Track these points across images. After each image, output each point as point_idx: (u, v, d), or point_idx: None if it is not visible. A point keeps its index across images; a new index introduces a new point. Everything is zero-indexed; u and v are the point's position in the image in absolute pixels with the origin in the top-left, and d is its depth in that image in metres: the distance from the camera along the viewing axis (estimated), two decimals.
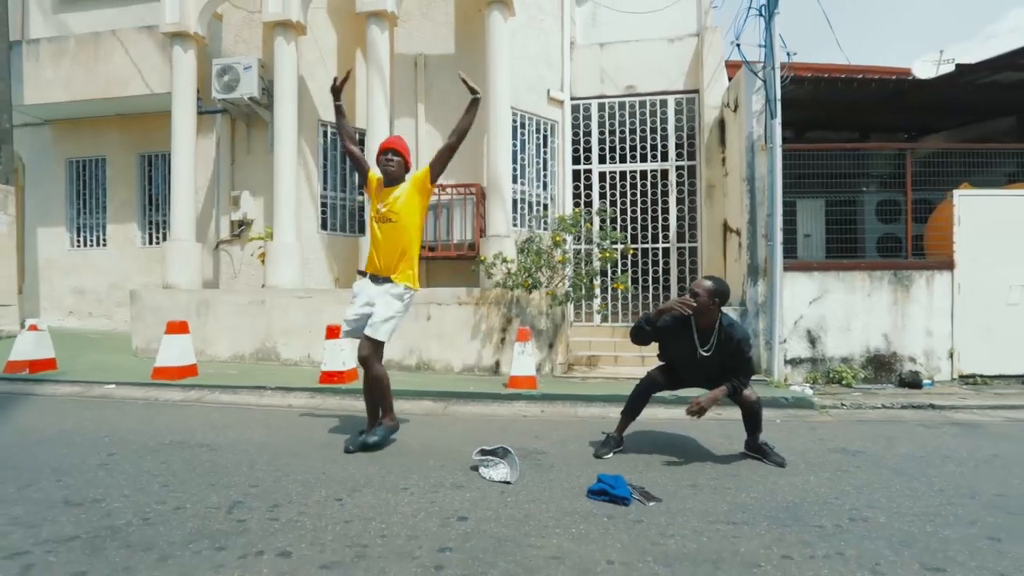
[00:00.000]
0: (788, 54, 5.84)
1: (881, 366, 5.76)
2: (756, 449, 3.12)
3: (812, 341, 5.80)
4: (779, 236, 5.58)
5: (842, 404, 4.66)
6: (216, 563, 1.80)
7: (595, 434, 3.62)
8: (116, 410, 4.18)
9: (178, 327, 5.23)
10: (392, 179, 3.18)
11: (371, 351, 3.15)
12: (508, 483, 2.62)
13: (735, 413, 4.25)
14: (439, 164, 3.18)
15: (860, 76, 6.84)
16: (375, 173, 3.28)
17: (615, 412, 4.30)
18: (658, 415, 4.13)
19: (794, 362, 5.78)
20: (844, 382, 5.58)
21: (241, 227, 7.39)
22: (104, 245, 9.08)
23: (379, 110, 6.33)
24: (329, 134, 7.36)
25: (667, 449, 3.28)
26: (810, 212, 7.14)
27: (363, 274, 3.30)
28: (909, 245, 5.95)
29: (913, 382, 5.54)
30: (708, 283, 3.00)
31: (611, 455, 3.12)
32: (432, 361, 5.84)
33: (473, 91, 3.20)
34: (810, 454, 3.22)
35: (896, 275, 5.80)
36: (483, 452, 2.84)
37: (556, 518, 2.23)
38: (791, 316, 5.80)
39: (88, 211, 9.22)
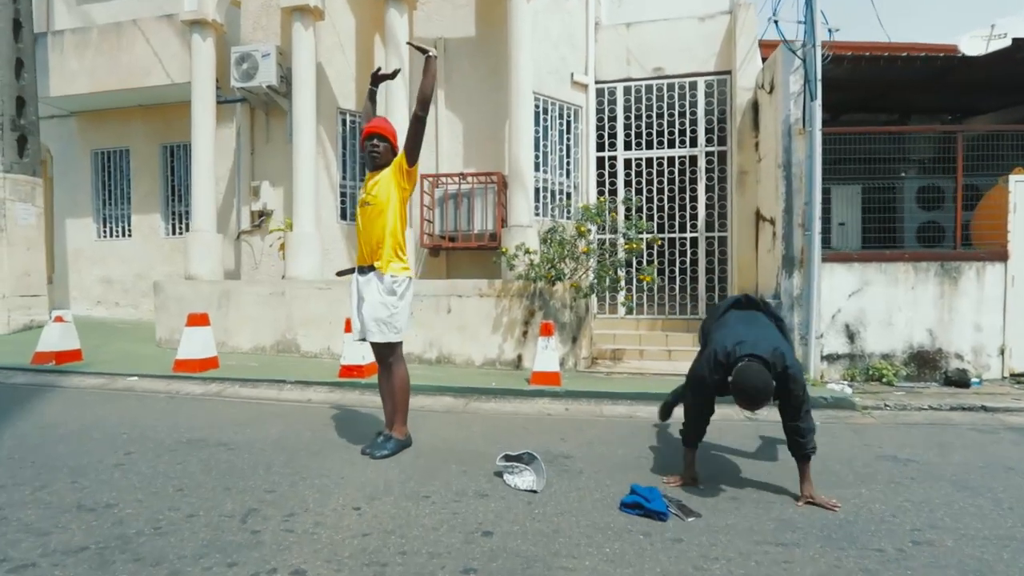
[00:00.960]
0: (829, 31, 5.46)
1: (925, 363, 5.43)
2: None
3: (851, 336, 5.50)
4: (817, 225, 5.27)
5: (885, 404, 4.39)
6: None
7: (623, 435, 3.46)
8: (137, 404, 4.16)
9: (199, 319, 5.21)
10: (378, 166, 2.99)
11: (384, 354, 3.03)
12: (535, 492, 2.48)
13: (773, 414, 4.06)
14: (411, 140, 2.91)
15: (904, 54, 6.41)
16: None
17: (643, 411, 4.17)
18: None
19: (831, 358, 5.50)
20: (884, 379, 5.27)
21: (261, 217, 7.35)
22: (129, 236, 9.17)
23: (398, 97, 6.16)
24: (348, 122, 7.23)
25: (701, 454, 3.09)
26: (845, 199, 6.77)
27: (352, 270, 3.12)
28: (958, 234, 5.57)
29: (960, 380, 5.21)
30: (756, 389, 2.32)
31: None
32: (453, 355, 5.72)
33: (423, 51, 2.95)
34: (857, 462, 3.00)
35: (943, 266, 5.44)
36: (508, 458, 2.70)
37: (588, 535, 2.08)
38: (828, 310, 5.50)
39: (113, 202, 9.30)
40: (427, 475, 2.69)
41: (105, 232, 9.39)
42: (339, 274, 3.25)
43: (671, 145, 6.99)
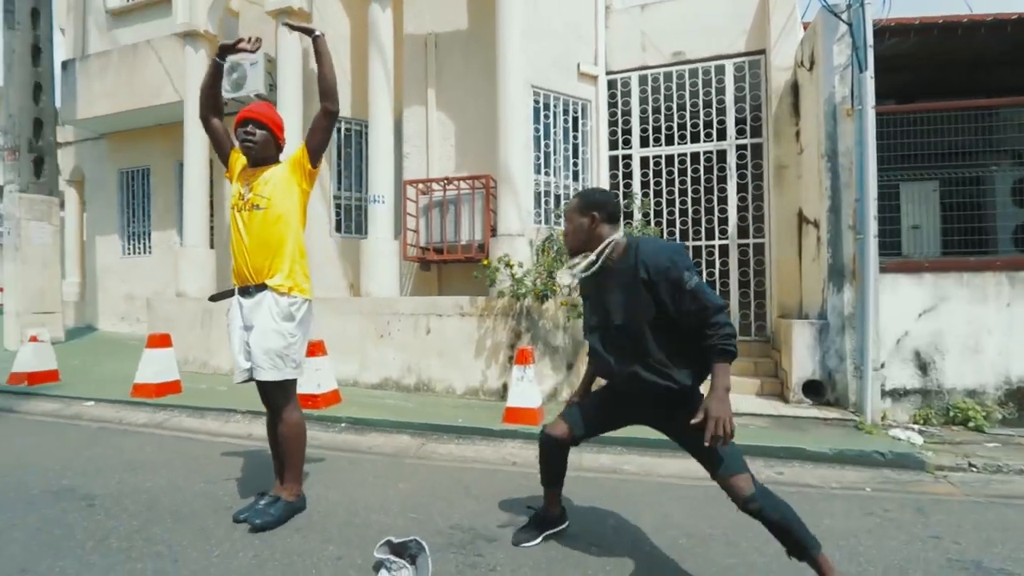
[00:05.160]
0: None
1: None
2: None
3: (922, 367, 4.33)
4: (872, 227, 4.19)
5: (970, 464, 3.26)
6: None
7: (591, 503, 2.65)
8: (62, 436, 3.79)
9: (159, 340, 4.87)
10: (257, 159, 2.42)
11: (275, 395, 2.43)
12: None
13: (805, 474, 3.05)
14: (318, 136, 2.40)
15: (990, 19, 5.18)
16: (237, 158, 2.52)
17: (633, 462, 3.33)
18: (624, 465, 3.05)
19: (896, 394, 4.35)
20: (972, 423, 4.07)
21: None
22: (150, 252, 9.28)
23: (381, 98, 5.69)
24: (343, 129, 6.84)
25: (639, 530, 2.22)
26: (918, 197, 5.58)
27: (231, 293, 2.51)
28: None
29: None
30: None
31: (538, 541, 2.18)
32: (432, 381, 5.06)
33: (308, 31, 2.41)
34: (915, 571, 2.02)
35: None
36: (390, 546, 1.98)
37: None
38: (892, 333, 4.37)
39: (137, 219, 9.48)
40: (285, 563, 2.01)
41: (129, 249, 9.57)
42: (213, 299, 2.65)
43: (695, 139, 6.05)
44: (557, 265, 4.81)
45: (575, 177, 6.23)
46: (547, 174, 6.00)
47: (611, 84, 6.32)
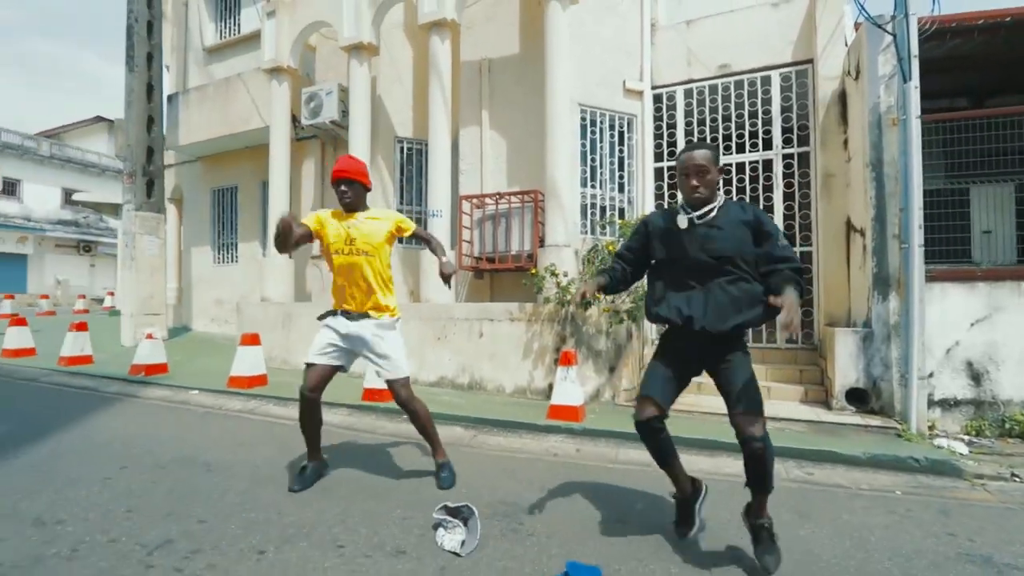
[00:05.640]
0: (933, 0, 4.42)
1: None
2: (752, 526, 2.13)
3: (975, 377, 4.26)
4: (917, 236, 4.20)
5: (1012, 475, 3.25)
6: None
7: (620, 490, 2.94)
8: (177, 417, 4.53)
9: (250, 339, 5.61)
10: (352, 208, 2.89)
11: (407, 390, 2.95)
12: (457, 555, 2.14)
13: (836, 475, 3.19)
14: (419, 237, 3.05)
15: None
16: (318, 213, 2.96)
17: None
18: (699, 464, 3.27)
19: (945, 404, 4.30)
20: None
21: None
22: (236, 262, 10.38)
23: (439, 122, 6.21)
24: (405, 149, 7.48)
25: (664, 513, 2.48)
26: (992, 201, 5.44)
27: (333, 313, 2.97)
28: None
29: None
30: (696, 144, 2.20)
31: (697, 522, 2.31)
32: (484, 381, 5.49)
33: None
34: (921, 561, 2.18)
35: None
36: (447, 509, 2.39)
37: None
38: (942, 342, 4.33)
39: (226, 232, 10.64)
40: (363, 520, 2.47)
41: (219, 258, 10.75)
42: (321, 318, 3.09)
43: (740, 150, 6.16)
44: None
45: (620, 189, 6.50)
46: (593, 187, 6.31)
47: (656, 98, 6.54)
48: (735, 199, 2.11)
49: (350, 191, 2.85)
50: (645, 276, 2.40)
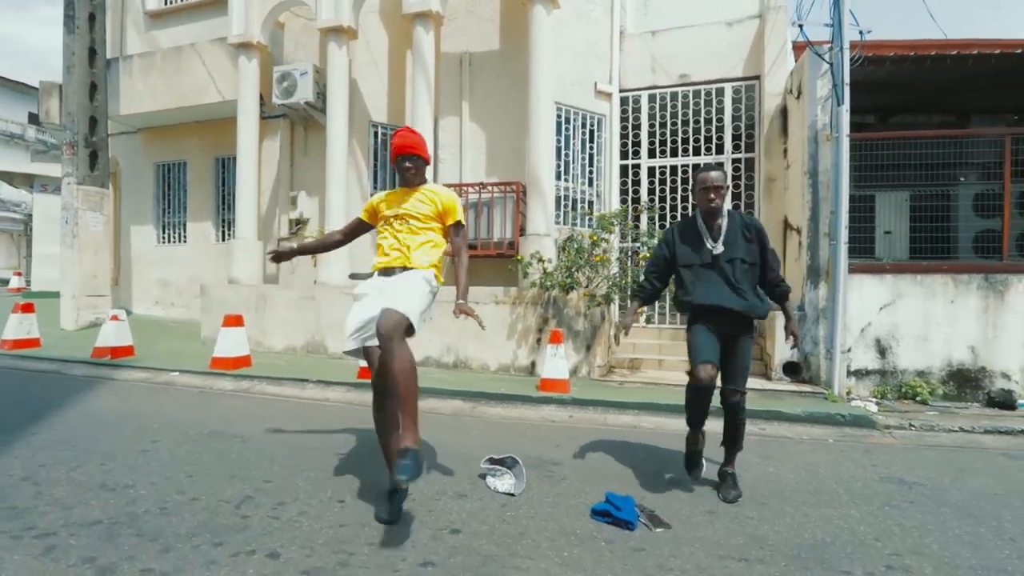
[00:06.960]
0: (860, 32, 5.26)
1: (965, 382, 5.10)
2: (720, 473, 2.75)
3: (881, 351, 5.24)
4: (843, 235, 5.07)
5: (910, 424, 4.17)
6: (209, 559, 1.88)
7: (620, 445, 3.47)
8: (173, 397, 4.54)
9: (234, 320, 5.60)
10: (414, 184, 2.72)
11: (398, 329, 2.32)
12: (512, 495, 2.56)
13: (783, 429, 3.97)
14: (454, 245, 2.86)
15: (954, 52, 6.05)
16: (375, 197, 2.90)
17: (648, 421, 4.16)
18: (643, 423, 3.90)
19: (859, 374, 5.25)
20: (919, 398, 4.99)
21: (298, 225, 7.79)
22: (184, 241, 9.91)
23: (423, 111, 6.40)
24: (380, 134, 7.56)
25: (661, 461, 3.07)
26: (891, 207, 6.47)
27: (370, 275, 2.84)
28: (1005, 245, 5.21)
29: (1004, 402, 4.86)
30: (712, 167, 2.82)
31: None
32: (469, 359, 5.87)
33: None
34: (856, 483, 2.89)
35: (987, 279, 5.10)
36: (492, 461, 2.79)
37: (552, 538, 2.14)
38: (857, 323, 5.27)
39: (172, 210, 10.09)
40: None
41: (164, 238, 10.19)
42: (353, 276, 3.15)
43: (696, 152, 6.89)
44: (578, 262, 5.62)
45: (590, 183, 7.04)
46: (566, 180, 6.80)
47: (623, 101, 7.12)
48: (731, 207, 2.69)
49: (414, 166, 2.69)
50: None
